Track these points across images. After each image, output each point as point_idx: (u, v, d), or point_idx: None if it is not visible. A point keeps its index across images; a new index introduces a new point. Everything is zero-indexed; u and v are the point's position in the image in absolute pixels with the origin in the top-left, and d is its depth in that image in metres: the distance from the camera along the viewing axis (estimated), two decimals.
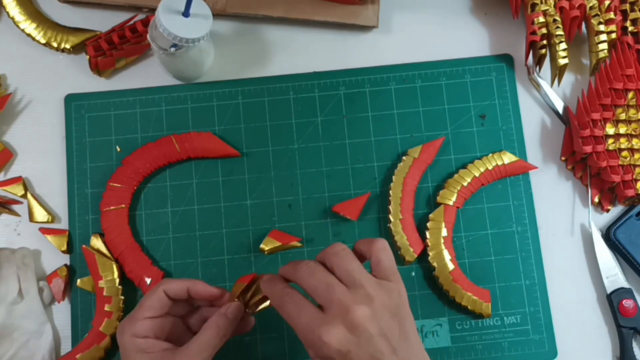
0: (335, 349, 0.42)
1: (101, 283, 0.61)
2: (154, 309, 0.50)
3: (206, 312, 0.54)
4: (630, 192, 0.63)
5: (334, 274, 0.46)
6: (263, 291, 0.51)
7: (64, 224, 0.64)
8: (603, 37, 0.65)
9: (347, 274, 0.45)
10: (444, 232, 0.62)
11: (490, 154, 0.65)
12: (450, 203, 0.63)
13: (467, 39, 0.69)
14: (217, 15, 0.66)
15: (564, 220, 0.65)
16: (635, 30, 0.66)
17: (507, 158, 0.64)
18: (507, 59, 0.68)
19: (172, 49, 0.58)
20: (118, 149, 0.64)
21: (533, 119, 0.67)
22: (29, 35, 0.66)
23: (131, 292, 0.62)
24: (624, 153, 0.63)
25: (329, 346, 0.42)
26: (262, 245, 0.62)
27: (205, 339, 0.50)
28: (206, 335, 0.50)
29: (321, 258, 0.48)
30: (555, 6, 0.65)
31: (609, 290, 0.63)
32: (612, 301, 0.63)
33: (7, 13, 0.66)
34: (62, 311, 0.62)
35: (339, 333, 0.43)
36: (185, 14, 0.57)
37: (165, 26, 0.56)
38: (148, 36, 0.60)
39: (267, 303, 0.53)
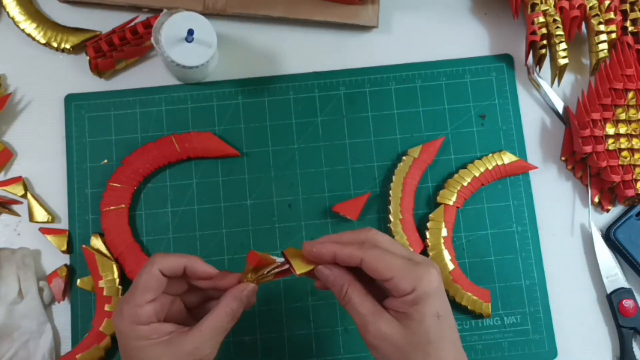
0: (436, 285, 0.44)
1: (101, 283, 0.61)
2: (152, 290, 0.46)
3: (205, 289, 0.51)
4: (630, 192, 0.63)
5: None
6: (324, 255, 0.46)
7: (64, 224, 0.64)
8: (603, 37, 0.65)
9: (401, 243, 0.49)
10: (444, 232, 0.62)
11: (490, 154, 0.65)
12: (450, 203, 0.63)
13: (467, 39, 0.69)
14: (217, 15, 0.66)
15: (564, 220, 0.65)
16: (635, 30, 0.66)
17: (507, 158, 0.64)
18: (507, 59, 0.68)
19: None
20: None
21: (533, 119, 0.67)
22: (29, 35, 0.66)
23: None
24: (624, 153, 0.63)
25: (431, 283, 0.44)
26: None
27: (218, 322, 0.47)
28: (219, 318, 0.47)
29: (356, 239, 0.47)
30: (555, 6, 0.65)
31: (609, 290, 0.63)
32: (612, 301, 0.63)
33: (7, 13, 0.66)
34: (62, 311, 0.62)
35: (436, 273, 0.45)
36: (188, 39, 0.59)
37: (167, 52, 0.59)
38: (152, 39, 0.60)
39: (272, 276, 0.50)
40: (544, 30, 0.64)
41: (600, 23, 0.65)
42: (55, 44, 0.66)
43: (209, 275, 0.49)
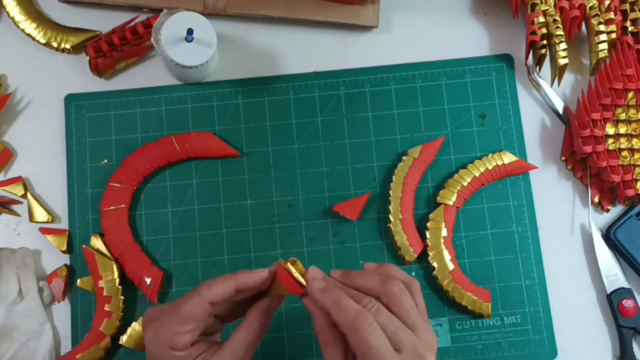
0: None
1: (101, 283, 0.61)
2: (196, 321, 0.45)
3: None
4: (630, 192, 0.63)
5: (391, 310, 0.45)
6: (325, 305, 0.45)
7: (64, 224, 0.64)
8: (603, 37, 0.65)
9: (408, 315, 0.45)
10: (444, 232, 0.62)
11: (490, 154, 0.65)
12: (450, 203, 0.63)
13: (467, 39, 0.69)
14: (217, 15, 0.66)
15: (564, 220, 0.65)
16: (635, 30, 0.66)
17: (507, 158, 0.64)
18: (507, 59, 0.68)
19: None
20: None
21: (533, 119, 0.67)
22: (29, 35, 0.66)
23: (131, 292, 0.62)
24: (624, 153, 0.63)
25: None
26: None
27: (247, 337, 0.47)
28: (247, 333, 0.47)
29: (373, 288, 0.46)
30: (555, 6, 0.65)
31: (609, 290, 0.63)
32: (612, 301, 0.63)
33: (7, 13, 0.66)
34: (62, 311, 0.62)
35: None
36: (188, 39, 0.59)
37: (167, 52, 0.59)
38: (152, 39, 0.60)
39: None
40: (544, 30, 0.64)
41: (600, 23, 0.65)
42: (55, 44, 0.66)
43: (262, 280, 0.47)
